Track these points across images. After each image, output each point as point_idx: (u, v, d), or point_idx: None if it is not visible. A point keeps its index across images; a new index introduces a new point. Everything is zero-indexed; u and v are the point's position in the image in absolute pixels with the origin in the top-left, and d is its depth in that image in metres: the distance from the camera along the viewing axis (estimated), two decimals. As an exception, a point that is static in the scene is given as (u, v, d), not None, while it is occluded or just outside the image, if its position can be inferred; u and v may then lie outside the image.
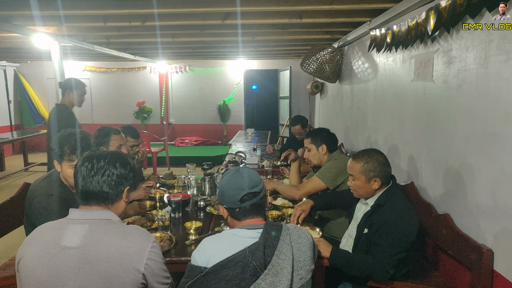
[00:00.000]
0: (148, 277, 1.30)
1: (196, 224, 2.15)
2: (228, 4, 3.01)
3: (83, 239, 1.26)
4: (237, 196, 1.43)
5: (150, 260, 1.29)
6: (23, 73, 9.12)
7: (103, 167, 1.35)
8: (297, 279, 1.35)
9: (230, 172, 1.51)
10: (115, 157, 1.40)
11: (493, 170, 1.82)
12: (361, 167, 1.96)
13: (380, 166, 1.95)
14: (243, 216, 1.45)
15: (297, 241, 1.40)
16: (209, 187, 2.99)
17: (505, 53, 1.73)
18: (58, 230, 1.30)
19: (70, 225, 1.30)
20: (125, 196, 1.41)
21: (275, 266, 1.29)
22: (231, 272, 1.28)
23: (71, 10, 3.13)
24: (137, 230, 1.35)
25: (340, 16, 3.42)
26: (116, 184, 1.36)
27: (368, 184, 1.97)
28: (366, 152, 2.02)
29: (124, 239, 1.29)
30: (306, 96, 8.51)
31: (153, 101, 9.13)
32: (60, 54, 4.48)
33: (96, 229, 1.29)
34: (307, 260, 1.41)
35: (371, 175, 1.95)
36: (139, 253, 1.28)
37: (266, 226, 1.39)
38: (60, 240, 1.27)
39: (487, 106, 1.87)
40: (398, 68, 3.05)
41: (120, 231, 1.31)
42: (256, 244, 1.33)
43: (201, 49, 6.05)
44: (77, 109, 4.03)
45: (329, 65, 5.11)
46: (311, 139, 2.68)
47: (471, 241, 1.90)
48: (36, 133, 7.70)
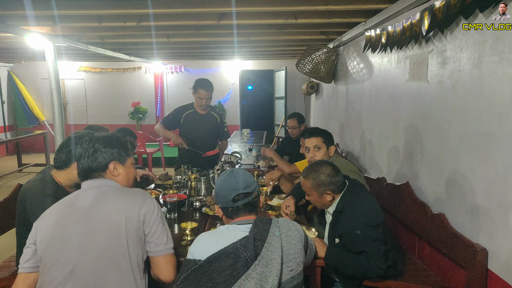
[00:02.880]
0: (147, 225, 1.47)
1: (192, 224, 2.14)
2: (223, 4, 3.00)
3: (93, 199, 1.48)
4: (230, 196, 1.51)
5: (148, 211, 1.48)
6: (17, 73, 9.06)
7: (90, 148, 1.57)
8: (287, 270, 1.41)
9: (225, 173, 1.58)
10: (101, 140, 1.61)
11: (487, 170, 1.84)
12: (310, 184, 1.98)
13: (328, 179, 1.95)
14: (235, 215, 1.53)
15: (287, 234, 1.46)
16: (204, 187, 2.98)
17: (498, 53, 1.74)
18: (73, 197, 1.53)
19: (83, 191, 1.54)
20: (113, 169, 1.58)
21: (265, 258, 1.36)
22: (223, 264, 1.35)
23: (65, 10, 3.11)
24: (138, 190, 1.59)
25: (335, 16, 3.43)
26: (98, 159, 1.56)
27: (322, 198, 1.99)
28: (314, 167, 2.01)
29: (126, 195, 1.52)
30: (301, 97, 8.52)
31: (148, 101, 9.10)
32: (54, 54, 4.45)
33: (104, 191, 1.52)
34: (297, 253, 1.45)
35: (322, 190, 1.97)
36: (139, 204, 1.48)
37: (256, 221, 1.47)
38: (74, 203, 1.49)
39: (481, 106, 1.88)
40: (393, 68, 3.06)
41: (123, 191, 1.55)
42: (247, 237, 1.41)
43: (196, 49, 6.04)
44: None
45: (325, 65, 5.12)
46: (323, 138, 2.56)
47: (465, 240, 1.92)
48: (30, 133, 7.64)
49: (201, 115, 3.73)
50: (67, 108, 8.98)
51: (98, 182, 1.55)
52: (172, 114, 3.79)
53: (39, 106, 9.09)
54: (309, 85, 6.82)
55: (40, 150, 8.85)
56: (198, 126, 3.72)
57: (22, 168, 7.41)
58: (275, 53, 6.84)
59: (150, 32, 4.11)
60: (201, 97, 3.58)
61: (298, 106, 8.66)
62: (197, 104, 3.67)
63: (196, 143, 3.72)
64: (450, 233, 2.02)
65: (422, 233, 2.37)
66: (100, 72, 9.01)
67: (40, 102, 9.12)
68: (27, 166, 7.45)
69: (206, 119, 3.75)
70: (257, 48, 5.92)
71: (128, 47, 5.85)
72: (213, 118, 3.80)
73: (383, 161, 3.32)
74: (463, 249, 1.91)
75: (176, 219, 2.39)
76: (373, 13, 3.25)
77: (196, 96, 3.61)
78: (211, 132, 3.82)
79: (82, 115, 9.04)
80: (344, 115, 4.87)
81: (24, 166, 7.45)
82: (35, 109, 9.03)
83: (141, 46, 5.67)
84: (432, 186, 2.40)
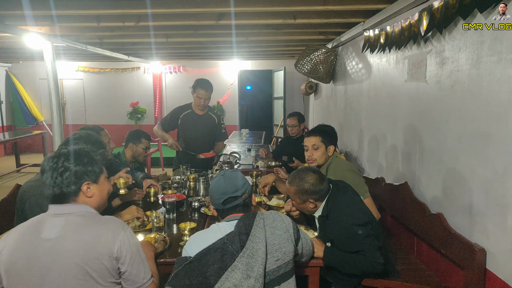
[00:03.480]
0: (123, 263, 1.37)
1: (190, 225, 2.14)
2: (222, 4, 3.00)
3: (60, 230, 1.35)
4: (220, 200, 1.59)
5: (123, 246, 1.37)
6: (15, 73, 9.03)
7: (60, 167, 1.40)
8: (273, 260, 1.46)
9: (217, 176, 1.66)
10: (73, 155, 1.45)
11: (485, 170, 1.84)
12: (294, 191, 2.01)
13: (312, 188, 1.96)
14: (226, 215, 1.62)
15: (271, 225, 1.52)
16: (203, 187, 2.98)
17: (496, 54, 1.75)
18: (38, 224, 1.38)
19: (49, 218, 1.39)
20: (86, 189, 1.44)
21: (249, 249, 1.43)
22: (212, 258, 1.42)
23: (63, 10, 3.10)
24: (111, 220, 1.44)
25: (334, 16, 3.43)
26: (74, 181, 1.41)
27: (304, 205, 2.02)
28: (299, 175, 2.01)
29: (97, 228, 1.38)
30: (300, 97, 8.52)
31: (147, 101, 9.08)
32: (53, 54, 4.43)
33: (72, 221, 1.37)
34: (283, 243, 1.50)
35: (305, 198, 1.99)
36: (111, 240, 1.36)
37: (243, 216, 1.55)
38: (39, 233, 1.35)
39: (479, 107, 1.88)
40: (392, 68, 3.06)
41: (94, 221, 1.40)
42: (233, 232, 1.48)
43: (195, 49, 6.04)
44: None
45: (323, 65, 5.12)
46: (322, 137, 2.53)
47: (464, 240, 1.92)
48: (28, 134, 7.62)
49: (198, 116, 3.73)
50: (65, 108, 8.96)
51: (66, 208, 1.40)
52: (170, 115, 3.79)
53: (37, 106, 9.07)
54: (308, 85, 6.82)
55: (38, 150, 8.83)
56: (195, 126, 3.72)
57: (20, 169, 7.39)
58: (274, 53, 6.84)
59: (149, 32, 4.11)
60: (200, 97, 3.58)
61: (297, 106, 8.66)
62: (196, 104, 3.67)
63: (193, 144, 3.72)
64: (449, 233, 2.03)
65: (420, 233, 2.37)
66: (99, 72, 8.99)
67: (38, 102, 9.10)
68: (25, 166, 7.44)
69: (203, 119, 3.75)
70: (256, 48, 5.92)
71: (127, 47, 5.84)
72: (210, 118, 3.80)
73: (382, 161, 3.32)
74: (462, 249, 1.92)
75: (175, 219, 2.39)
76: (372, 13, 3.25)
77: (195, 96, 3.60)
78: (209, 133, 3.81)
79: (80, 115, 9.02)
80: (342, 115, 4.87)
81: (22, 166, 7.43)
82: (33, 109, 9.01)
83: (139, 46, 5.66)
84: (430, 186, 2.41)
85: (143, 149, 3.14)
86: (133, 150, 3.12)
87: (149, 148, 3.25)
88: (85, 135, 2.18)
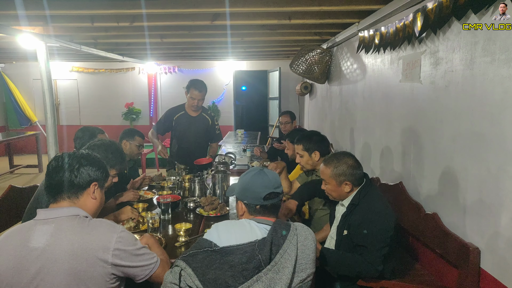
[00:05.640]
0: (121, 265, 1.34)
1: (186, 225, 2.14)
2: (217, 5, 3.00)
3: (49, 238, 1.29)
4: (262, 193, 1.48)
5: (117, 250, 1.33)
6: (9, 73, 8.96)
7: (73, 164, 1.42)
8: (297, 280, 1.38)
9: (254, 170, 1.56)
10: (87, 158, 1.48)
11: (479, 169, 1.85)
12: (330, 172, 1.99)
13: (350, 170, 1.97)
14: (260, 214, 1.51)
15: (303, 243, 1.43)
16: (198, 188, 2.97)
17: (490, 54, 1.76)
18: (26, 232, 1.32)
19: (37, 226, 1.33)
20: (93, 191, 1.45)
21: (277, 264, 1.33)
22: (237, 259, 1.33)
23: (57, 10, 3.08)
24: (101, 223, 1.39)
25: (329, 17, 3.44)
26: (83, 175, 1.42)
27: (340, 188, 2.00)
28: (336, 156, 2.03)
29: (87, 234, 1.32)
30: (295, 97, 8.54)
31: (141, 102, 9.05)
32: (47, 54, 4.40)
33: (61, 227, 1.32)
34: (309, 263, 1.42)
35: (341, 179, 1.98)
36: (104, 246, 1.32)
37: (275, 224, 1.44)
38: (27, 241, 1.30)
39: (473, 107, 1.90)
40: (386, 69, 3.08)
41: (84, 226, 1.34)
42: (264, 240, 1.38)
43: (190, 50, 6.03)
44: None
45: (318, 66, 5.13)
46: (303, 145, 2.56)
47: (458, 240, 1.93)
48: (22, 134, 7.56)
49: (192, 117, 3.72)
50: (59, 109, 8.90)
51: (56, 212, 1.36)
52: (164, 118, 3.79)
53: (31, 107, 9.00)
54: (303, 86, 6.83)
55: (32, 151, 8.75)
56: (189, 128, 3.71)
57: (14, 170, 7.33)
58: (269, 53, 6.84)
59: (144, 33, 4.09)
60: (193, 97, 3.57)
61: (292, 107, 8.66)
62: (189, 104, 3.66)
63: (187, 146, 3.71)
64: (443, 233, 2.04)
65: (415, 233, 2.38)
66: (93, 72, 8.94)
67: (32, 103, 9.03)
68: (19, 168, 7.38)
69: (197, 121, 3.74)
70: (251, 48, 5.92)
71: (122, 48, 5.81)
72: (204, 120, 3.79)
73: (376, 161, 3.33)
74: (456, 248, 1.93)
75: (170, 220, 2.38)
76: (367, 14, 3.26)
77: (189, 96, 3.59)
78: (203, 134, 3.80)
79: (75, 116, 8.97)
80: (337, 115, 4.88)
81: (16, 168, 7.37)
82: (27, 110, 8.94)
83: (134, 47, 5.64)
84: (425, 186, 2.42)
85: (137, 146, 3.18)
86: (127, 147, 3.14)
87: (143, 146, 3.27)
88: (109, 144, 2.24)
